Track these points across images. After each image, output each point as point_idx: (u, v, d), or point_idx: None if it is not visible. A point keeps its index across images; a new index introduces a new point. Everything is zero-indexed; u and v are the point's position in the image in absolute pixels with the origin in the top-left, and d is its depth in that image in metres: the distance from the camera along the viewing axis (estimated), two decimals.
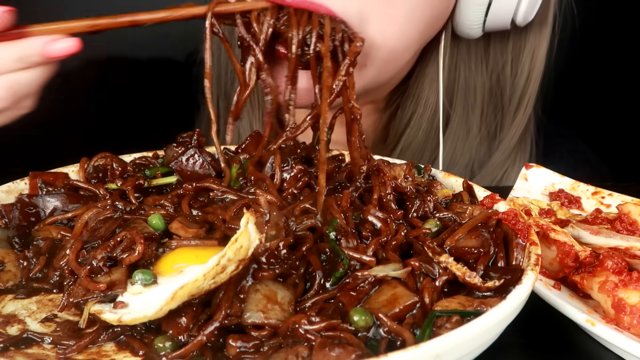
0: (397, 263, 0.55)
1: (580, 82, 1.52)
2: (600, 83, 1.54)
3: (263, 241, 0.52)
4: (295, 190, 0.66)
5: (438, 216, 0.63)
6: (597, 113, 1.54)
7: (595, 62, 1.51)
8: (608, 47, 1.51)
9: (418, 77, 0.98)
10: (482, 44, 0.99)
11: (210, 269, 0.49)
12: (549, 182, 0.85)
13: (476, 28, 0.89)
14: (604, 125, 1.50)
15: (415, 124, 0.99)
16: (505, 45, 0.99)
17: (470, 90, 1.01)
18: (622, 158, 1.37)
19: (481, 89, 1.01)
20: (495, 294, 0.52)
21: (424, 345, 0.42)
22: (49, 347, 0.50)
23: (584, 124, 1.34)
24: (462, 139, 1.03)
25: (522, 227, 0.59)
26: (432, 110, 0.98)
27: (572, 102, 1.51)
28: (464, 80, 1.00)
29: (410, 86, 0.99)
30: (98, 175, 0.71)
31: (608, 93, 1.54)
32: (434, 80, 0.96)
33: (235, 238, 0.50)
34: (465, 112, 1.02)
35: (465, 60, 0.99)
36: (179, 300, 0.49)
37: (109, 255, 0.55)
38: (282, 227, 0.53)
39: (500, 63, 1.00)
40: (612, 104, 1.54)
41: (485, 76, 1.01)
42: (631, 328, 0.56)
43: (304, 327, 0.47)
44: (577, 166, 1.09)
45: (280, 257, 0.52)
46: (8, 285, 0.57)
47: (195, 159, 0.72)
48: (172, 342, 0.48)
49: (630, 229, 0.69)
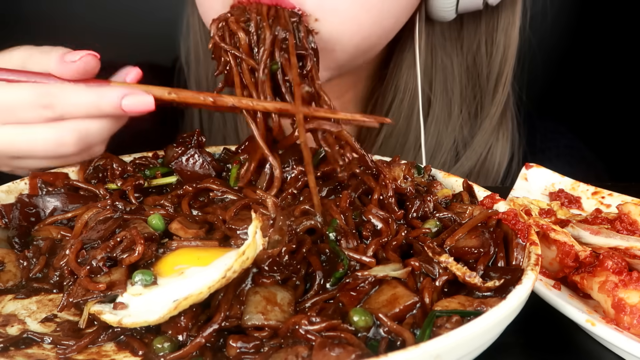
0: (397, 263, 0.55)
1: (580, 82, 1.52)
2: (600, 83, 1.54)
3: (266, 246, 0.51)
4: (295, 191, 0.66)
5: (438, 216, 0.63)
6: (597, 113, 1.54)
7: (595, 62, 1.51)
8: (607, 47, 1.51)
9: (396, 64, 0.99)
10: (455, 26, 1.00)
11: (215, 282, 0.48)
12: (549, 182, 0.85)
13: (449, 10, 0.90)
14: (603, 125, 1.51)
15: (396, 111, 1.00)
16: (478, 25, 1.00)
17: (448, 73, 1.02)
18: (622, 158, 1.37)
19: (458, 70, 1.02)
20: (495, 294, 0.52)
21: (424, 345, 0.42)
22: (49, 347, 0.50)
23: (583, 124, 1.34)
24: (444, 121, 1.03)
25: (522, 227, 0.59)
26: (411, 96, 0.99)
27: (572, 102, 1.51)
28: (441, 63, 1.01)
29: (389, 73, 1.00)
30: (98, 176, 0.71)
31: (608, 93, 1.54)
32: (411, 66, 0.97)
33: (243, 251, 0.49)
34: (445, 95, 1.03)
35: (440, 43, 1.00)
36: (181, 309, 0.49)
37: (109, 255, 0.55)
38: (286, 232, 0.53)
39: (474, 43, 1.01)
40: (612, 104, 1.54)
41: (462, 57, 1.02)
42: (631, 328, 0.56)
43: (304, 327, 0.47)
44: (574, 163, 1.10)
45: (282, 263, 0.52)
46: (8, 285, 0.57)
47: (195, 159, 0.72)
48: (171, 342, 0.48)
49: (630, 229, 0.69)
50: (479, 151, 1.05)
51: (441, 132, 1.04)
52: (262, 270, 0.52)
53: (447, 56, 1.01)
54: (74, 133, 0.66)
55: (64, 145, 0.66)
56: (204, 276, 0.51)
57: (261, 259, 0.51)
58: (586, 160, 1.14)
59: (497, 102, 1.04)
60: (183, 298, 0.48)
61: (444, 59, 1.01)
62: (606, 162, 1.18)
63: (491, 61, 1.02)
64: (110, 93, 0.65)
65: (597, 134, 1.33)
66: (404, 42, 0.97)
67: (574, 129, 1.19)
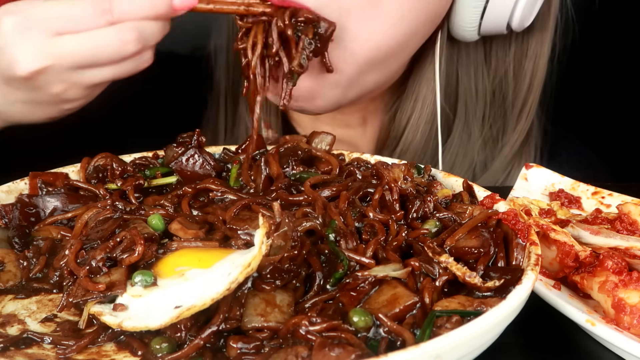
0: (397, 263, 0.55)
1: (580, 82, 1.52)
2: (600, 83, 1.54)
3: (269, 252, 0.51)
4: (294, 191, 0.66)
5: (438, 216, 0.63)
6: (596, 113, 1.54)
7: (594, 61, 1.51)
8: (609, 49, 1.51)
9: (416, 78, 0.98)
10: (482, 49, 1.00)
11: (219, 294, 0.48)
12: (549, 182, 0.85)
13: (471, 30, 0.89)
14: (603, 125, 1.50)
15: (414, 126, 1.00)
16: (506, 50, 1.00)
17: (472, 95, 1.02)
18: (622, 158, 1.37)
19: (482, 93, 1.02)
20: (495, 294, 0.52)
21: (424, 345, 0.42)
22: (49, 347, 0.50)
23: (583, 124, 1.34)
24: (463, 143, 1.03)
25: (522, 227, 0.59)
26: (430, 112, 0.99)
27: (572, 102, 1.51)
28: (465, 85, 1.01)
29: (408, 87, 0.99)
30: (98, 176, 0.71)
31: (607, 93, 1.54)
32: (430, 81, 0.97)
33: (248, 262, 0.49)
34: (467, 117, 1.03)
35: (464, 65, 1.00)
36: (183, 317, 0.49)
37: (109, 255, 0.55)
38: (290, 237, 0.52)
39: (502, 68, 1.01)
40: (612, 104, 1.54)
41: (487, 81, 1.02)
42: (631, 328, 0.56)
43: (305, 328, 0.47)
44: (582, 169, 1.09)
45: (283, 269, 0.52)
46: (8, 285, 0.57)
47: (195, 159, 0.72)
48: (170, 343, 0.48)
49: (630, 229, 0.69)
50: (497, 177, 1.05)
51: (459, 153, 1.03)
52: (263, 277, 0.51)
53: (471, 78, 1.01)
54: (134, 31, 0.69)
55: (127, 42, 0.69)
56: (205, 280, 0.51)
57: (263, 266, 0.51)
58: (594, 167, 1.14)
59: (519, 129, 1.04)
60: (186, 308, 0.48)
61: (468, 81, 1.01)
62: (607, 162, 1.18)
63: (517, 88, 1.02)
64: None
65: (597, 134, 1.33)
66: (424, 58, 0.96)
67: (574, 129, 1.19)
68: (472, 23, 0.88)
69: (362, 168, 0.73)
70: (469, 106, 1.02)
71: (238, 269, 0.49)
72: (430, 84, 0.97)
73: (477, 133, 1.03)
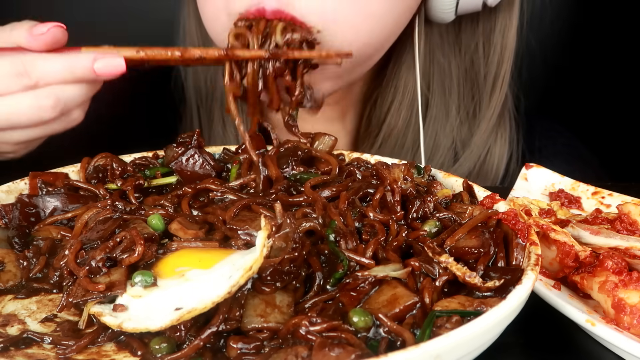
0: (397, 263, 0.55)
1: (579, 81, 1.52)
2: (600, 83, 1.54)
3: (270, 254, 0.51)
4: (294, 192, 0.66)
5: (438, 216, 0.63)
6: (597, 113, 1.54)
7: (594, 61, 1.51)
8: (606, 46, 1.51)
9: (395, 65, 1.00)
10: (453, 28, 1.01)
11: (220, 297, 0.48)
12: (549, 182, 0.85)
13: (449, 12, 0.91)
14: (603, 125, 1.50)
15: (395, 112, 1.01)
16: (475, 27, 1.01)
17: (446, 74, 1.03)
18: (622, 158, 1.37)
19: (456, 71, 1.03)
20: (495, 294, 0.52)
21: (424, 345, 0.42)
22: (49, 347, 0.50)
23: (583, 124, 1.34)
24: (442, 122, 1.04)
25: (522, 227, 0.59)
26: (410, 97, 1.00)
27: (571, 102, 1.51)
28: (439, 65, 1.02)
29: (388, 74, 1.01)
30: (98, 176, 0.71)
31: (607, 93, 1.54)
32: (410, 67, 0.98)
33: (250, 266, 0.49)
34: (443, 96, 1.04)
35: (438, 45, 1.01)
36: (183, 320, 0.49)
37: (109, 255, 0.55)
38: (291, 239, 0.52)
39: (472, 45, 1.02)
40: (612, 104, 1.54)
41: (459, 59, 1.03)
42: (631, 328, 0.56)
43: (305, 328, 0.47)
44: (571, 161, 1.10)
45: (284, 271, 0.52)
46: (8, 285, 0.57)
47: (195, 159, 0.72)
48: (169, 343, 0.48)
49: (630, 229, 0.69)
50: (478, 152, 1.06)
51: (439, 132, 1.04)
52: (263, 279, 0.51)
53: (444, 57, 1.02)
54: (51, 97, 0.67)
55: (43, 109, 0.67)
56: (206, 282, 0.51)
57: (263, 268, 0.51)
58: (583, 158, 1.15)
59: (494, 103, 1.05)
60: (187, 311, 0.48)
61: (442, 60, 1.02)
62: (606, 162, 1.18)
63: (488, 62, 1.03)
64: (82, 58, 0.67)
65: (597, 134, 1.33)
66: (403, 43, 0.98)
67: (574, 129, 1.19)
68: (450, 4, 0.89)
69: (362, 168, 0.73)
70: (445, 85, 1.03)
71: (239, 272, 0.49)
72: (410, 69, 0.98)
73: (455, 111, 1.05)
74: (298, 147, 0.73)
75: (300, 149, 0.73)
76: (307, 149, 0.73)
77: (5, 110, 0.67)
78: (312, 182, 0.66)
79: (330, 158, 0.72)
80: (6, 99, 0.67)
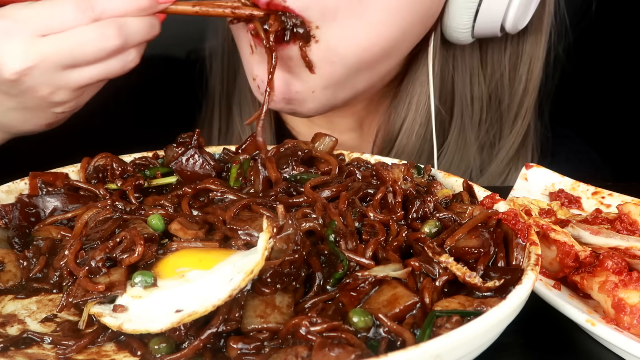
0: (397, 263, 0.55)
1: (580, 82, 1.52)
2: (600, 83, 1.54)
3: (270, 255, 0.51)
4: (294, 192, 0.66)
5: (438, 216, 0.63)
6: (597, 113, 1.54)
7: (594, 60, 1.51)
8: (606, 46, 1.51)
9: (409, 80, 0.98)
10: (477, 53, 0.99)
11: (221, 301, 0.48)
12: (549, 182, 0.85)
13: (464, 32, 0.89)
14: (604, 125, 1.50)
15: (408, 128, 0.99)
16: (502, 54, 1.00)
17: (468, 99, 1.01)
18: (622, 158, 1.37)
19: (478, 98, 1.02)
20: (495, 294, 0.52)
21: (424, 345, 0.42)
22: (49, 347, 0.50)
23: (584, 123, 1.34)
24: (459, 148, 1.03)
25: (522, 227, 0.59)
26: (425, 115, 0.98)
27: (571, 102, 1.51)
28: (461, 89, 1.00)
29: (402, 89, 0.99)
30: (98, 176, 0.71)
31: (608, 93, 1.54)
32: (424, 83, 0.97)
33: (251, 269, 0.49)
34: (463, 121, 1.02)
35: (460, 69, 0.99)
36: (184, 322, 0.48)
37: (108, 256, 0.55)
38: (292, 241, 0.52)
39: (498, 72, 1.01)
40: (612, 104, 1.54)
41: (483, 85, 1.01)
42: (631, 328, 0.56)
43: (305, 328, 0.47)
44: (582, 167, 1.09)
45: (284, 273, 0.52)
46: (8, 285, 0.57)
47: (195, 159, 0.72)
48: (168, 343, 0.48)
49: (630, 229, 0.69)
50: (493, 181, 1.05)
51: (455, 157, 1.03)
52: (263, 280, 0.51)
53: (467, 82, 1.00)
54: (114, 25, 0.69)
55: (107, 36, 0.69)
56: (206, 283, 0.51)
57: (263, 270, 0.50)
58: (595, 165, 1.14)
59: (515, 132, 1.03)
60: (187, 314, 0.48)
61: (464, 85, 1.00)
62: (608, 162, 1.18)
63: (513, 91, 1.01)
64: None
65: (597, 134, 1.32)
66: (418, 60, 0.96)
67: (574, 129, 1.19)
68: (465, 25, 0.88)
69: (362, 168, 0.73)
70: (465, 111, 1.02)
71: (240, 275, 0.49)
72: (424, 86, 0.96)
73: (473, 138, 1.03)
74: (298, 147, 0.73)
75: (301, 149, 0.73)
76: (307, 149, 0.73)
77: (71, 42, 0.69)
78: (312, 182, 0.66)
79: (330, 158, 0.72)
80: (73, 32, 0.69)
